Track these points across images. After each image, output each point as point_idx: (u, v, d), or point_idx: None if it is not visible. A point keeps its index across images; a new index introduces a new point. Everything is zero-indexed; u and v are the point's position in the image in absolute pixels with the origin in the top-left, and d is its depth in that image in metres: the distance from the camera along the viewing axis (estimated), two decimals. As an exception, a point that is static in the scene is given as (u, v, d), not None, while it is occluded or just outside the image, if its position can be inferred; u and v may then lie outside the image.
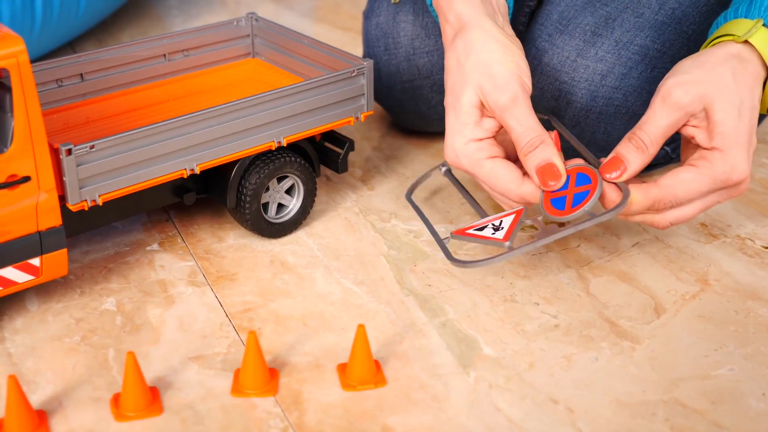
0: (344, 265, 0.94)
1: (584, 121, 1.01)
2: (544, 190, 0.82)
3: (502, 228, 0.82)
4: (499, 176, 0.83)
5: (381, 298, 0.89)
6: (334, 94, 0.95)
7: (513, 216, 0.84)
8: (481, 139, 0.84)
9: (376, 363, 0.80)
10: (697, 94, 0.80)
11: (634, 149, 0.82)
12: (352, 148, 1.00)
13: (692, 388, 0.77)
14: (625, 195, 0.81)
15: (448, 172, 0.94)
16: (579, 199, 0.79)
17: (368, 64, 0.97)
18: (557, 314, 0.86)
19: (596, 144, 1.02)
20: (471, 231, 0.83)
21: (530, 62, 1.02)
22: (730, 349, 0.82)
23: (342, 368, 0.79)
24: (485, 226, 0.83)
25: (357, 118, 0.98)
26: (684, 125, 0.82)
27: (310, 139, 0.99)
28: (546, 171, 0.81)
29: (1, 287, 0.81)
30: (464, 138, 0.84)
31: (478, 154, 0.84)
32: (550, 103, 1.02)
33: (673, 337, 0.83)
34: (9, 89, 0.77)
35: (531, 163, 0.82)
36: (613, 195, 0.82)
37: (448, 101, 0.86)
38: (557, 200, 0.80)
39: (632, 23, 0.99)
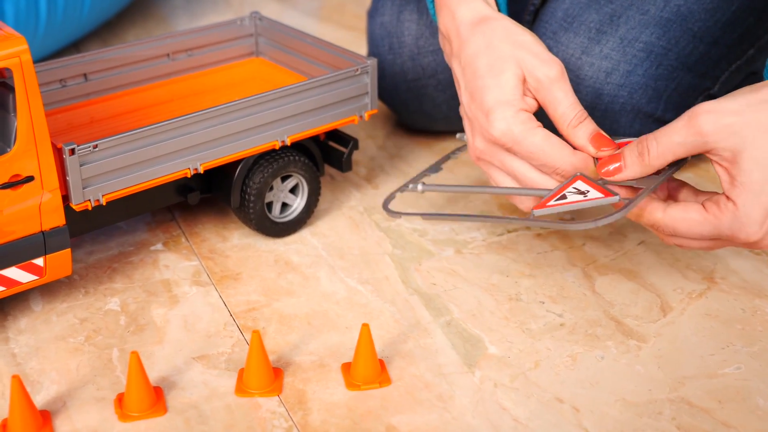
0: (349, 264, 0.93)
1: (589, 119, 1.00)
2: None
3: (589, 190, 0.78)
4: (554, 143, 0.80)
5: (385, 297, 0.88)
6: (338, 92, 0.95)
7: (581, 181, 0.80)
8: (529, 113, 0.82)
9: (381, 362, 0.79)
10: (726, 127, 0.71)
11: (637, 155, 0.76)
12: (356, 147, 1.00)
13: (699, 387, 0.77)
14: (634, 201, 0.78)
15: (427, 187, 0.88)
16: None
17: (372, 62, 0.96)
18: (563, 313, 0.86)
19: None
20: (554, 202, 0.78)
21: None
22: (737, 348, 0.81)
23: (346, 368, 0.79)
24: (563, 195, 0.79)
25: (361, 116, 0.98)
26: (711, 159, 0.74)
27: (314, 138, 0.99)
28: (599, 138, 0.80)
29: (5, 287, 0.81)
30: (515, 107, 0.81)
31: (531, 123, 0.80)
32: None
33: (680, 336, 0.83)
34: (12, 89, 0.77)
35: (583, 132, 0.80)
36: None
37: (481, 83, 0.82)
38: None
39: (637, 20, 0.99)
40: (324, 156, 1.00)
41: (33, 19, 1.26)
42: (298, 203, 0.98)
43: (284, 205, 0.98)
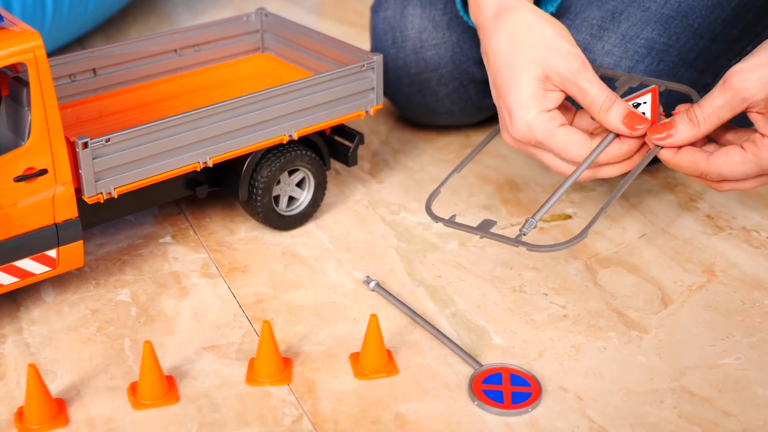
0: (355, 256, 0.95)
1: (591, 114, 1.02)
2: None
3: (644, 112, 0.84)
4: (573, 142, 0.84)
5: (391, 289, 0.90)
6: (344, 88, 0.96)
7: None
8: (550, 110, 0.85)
9: (388, 352, 0.81)
10: (758, 79, 0.78)
11: (687, 121, 0.82)
12: (362, 141, 1.01)
13: (700, 377, 0.79)
14: (653, 150, 0.83)
15: (377, 286, 0.89)
16: (519, 398, 0.76)
17: (377, 58, 0.98)
18: (566, 305, 0.87)
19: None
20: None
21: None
22: (737, 339, 0.83)
23: (354, 357, 0.80)
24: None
25: (367, 112, 1.00)
26: (749, 111, 0.80)
27: (320, 133, 1.00)
28: (632, 117, 0.82)
29: (19, 278, 0.82)
30: (535, 110, 0.84)
31: (550, 124, 0.84)
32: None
33: (681, 327, 0.84)
34: (26, 84, 0.78)
35: (615, 115, 0.82)
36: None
37: (504, 80, 0.86)
38: (492, 393, 0.76)
39: (638, 17, 1.00)
40: (330, 150, 1.02)
41: (39, 14, 1.27)
42: (304, 197, 0.99)
43: (291, 199, 0.99)
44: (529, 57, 0.85)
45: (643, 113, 0.83)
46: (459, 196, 1.05)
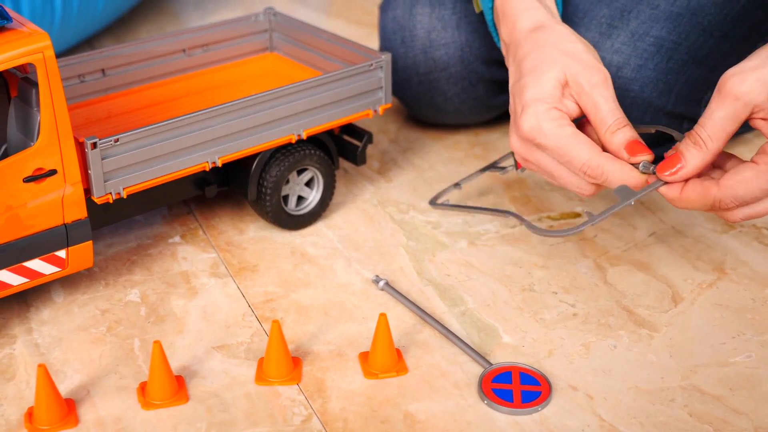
0: (364, 256, 0.95)
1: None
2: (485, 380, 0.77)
3: None
4: (581, 140, 0.80)
5: (401, 288, 0.90)
6: (353, 87, 0.96)
7: None
8: (563, 112, 0.82)
9: (398, 351, 0.81)
10: (758, 80, 0.73)
11: (692, 145, 0.76)
12: (370, 140, 1.01)
13: (710, 375, 0.78)
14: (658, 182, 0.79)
15: (387, 285, 0.89)
16: (529, 397, 0.76)
17: (386, 57, 0.98)
18: (575, 303, 0.87)
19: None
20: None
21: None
22: (748, 337, 0.83)
23: (364, 357, 0.80)
24: None
25: (375, 110, 1.00)
26: (752, 118, 0.75)
27: (329, 132, 1.00)
28: (635, 145, 0.79)
29: (29, 279, 0.82)
30: (548, 105, 0.81)
31: (560, 120, 0.81)
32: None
33: (691, 325, 0.84)
34: (35, 84, 0.78)
35: (619, 139, 0.80)
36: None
37: (526, 81, 0.83)
38: (502, 392, 0.76)
39: (647, 15, 1.00)
40: (339, 149, 1.02)
41: (48, 14, 1.27)
42: (313, 196, 0.99)
43: (300, 198, 0.99)
44: (554, 60, 0.82)
45: None
46: (469, 195, 1.05)
